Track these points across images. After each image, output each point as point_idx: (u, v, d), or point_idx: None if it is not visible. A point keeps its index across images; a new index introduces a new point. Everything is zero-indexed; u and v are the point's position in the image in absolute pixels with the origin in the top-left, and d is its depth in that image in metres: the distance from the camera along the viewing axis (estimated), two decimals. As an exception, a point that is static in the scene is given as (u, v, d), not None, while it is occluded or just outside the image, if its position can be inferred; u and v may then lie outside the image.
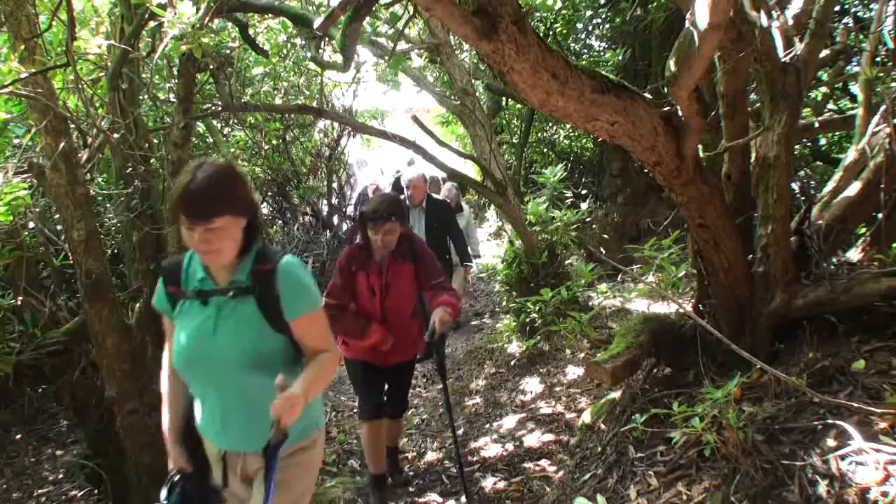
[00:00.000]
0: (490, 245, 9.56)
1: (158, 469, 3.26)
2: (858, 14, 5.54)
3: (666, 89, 2.10)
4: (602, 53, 7.48)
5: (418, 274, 3.06)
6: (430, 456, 3.91)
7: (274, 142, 7.38)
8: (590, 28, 7.56)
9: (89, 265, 2.94)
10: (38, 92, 2.77)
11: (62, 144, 2.82)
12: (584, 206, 6.57)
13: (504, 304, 5.83)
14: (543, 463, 3.41)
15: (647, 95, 2.19)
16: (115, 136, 3.29)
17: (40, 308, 3.28)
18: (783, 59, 2.52)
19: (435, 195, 5.61)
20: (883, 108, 2.74)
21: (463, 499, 3.17)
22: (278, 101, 6.84)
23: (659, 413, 2.45)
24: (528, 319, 4.86)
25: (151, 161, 3.72)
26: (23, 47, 2.76)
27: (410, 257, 3.06)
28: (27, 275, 3.29)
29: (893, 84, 3.09)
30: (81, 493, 3.85)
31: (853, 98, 5.45)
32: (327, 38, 4.34)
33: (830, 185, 3.05)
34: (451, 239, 5.28)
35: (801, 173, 6.39)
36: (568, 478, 2.89)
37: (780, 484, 1.93)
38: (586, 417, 3.24)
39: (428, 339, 2.92)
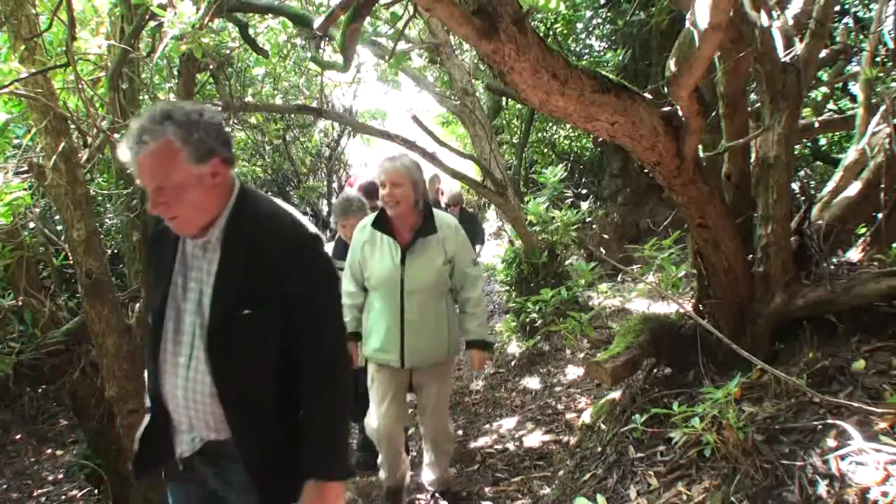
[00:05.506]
0: (490, 245, 9.55)
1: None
2: (858, 14, 5.55)
3: (666, 89, 2.10)
4: (602, 54, 7.48)
5: None
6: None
7: (274, 142, 7.39)
8: (590, 28, 7.57)
9: (89, 265, 2.94)
10: (38, 92, 2.77)
11: (62, 144, 2.82)
12: (584, 206, 6.57)
13: (504, 304, 5.82)
14: (543, 463, 3.41)
15: (647, 95, 2.19)
16: (115, 136, 3.29)
17: (40, 308, 3.28)
18: (783, 59, 2.52)
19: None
20: (883, 108, 2.73)
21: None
22: (278, 101, 6.84)
23: (659, 413, 2.44)
24: (528, 319, 4.85)
25: (151, 161, 3.71)
26: (23, 47, 2.76)
27: None
28: (27, 275, 3.29)
29: (893, 84, 3.09)
30: (81, 493, 3.85)
31: (853, 98, 5.46)
32: (327, 38, 4.34)
33: (830, 185, 3.05)
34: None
35: (801, 173, 6.39)
36: (568, 478, 2.89)
37: (780, 484, 1.92)
38: (586, 417, 3.24)
39: None
